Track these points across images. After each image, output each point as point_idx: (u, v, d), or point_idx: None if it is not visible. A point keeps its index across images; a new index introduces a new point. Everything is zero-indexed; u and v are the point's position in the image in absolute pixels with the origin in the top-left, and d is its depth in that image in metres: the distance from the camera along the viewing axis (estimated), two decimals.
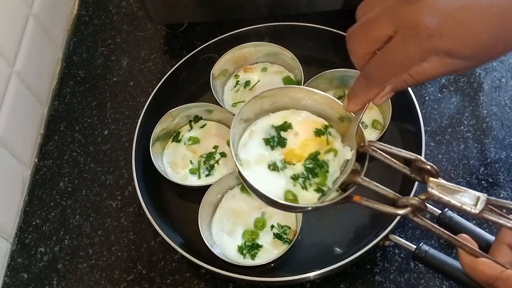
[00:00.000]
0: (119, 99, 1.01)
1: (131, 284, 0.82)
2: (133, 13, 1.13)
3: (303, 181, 0.64)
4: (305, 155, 0.65)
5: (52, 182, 0.94)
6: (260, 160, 0.66)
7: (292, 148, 0.66)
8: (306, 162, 0.65)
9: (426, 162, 0.56)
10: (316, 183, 0.64)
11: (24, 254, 0.87)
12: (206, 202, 0.81)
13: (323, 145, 0.66)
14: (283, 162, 0.65)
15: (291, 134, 0.67)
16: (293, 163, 0.65)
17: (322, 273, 0.73)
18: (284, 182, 0.64)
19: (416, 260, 0.72)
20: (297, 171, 0.65)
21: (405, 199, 0.56)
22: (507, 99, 0.92)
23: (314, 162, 0.65)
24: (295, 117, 0.68)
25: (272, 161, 0.65)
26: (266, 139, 0.67)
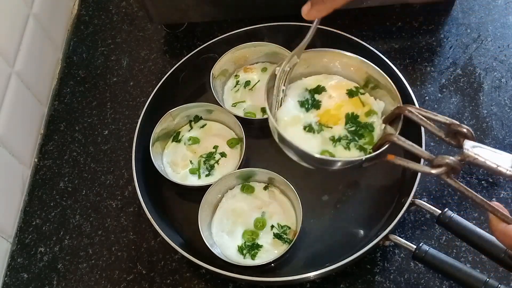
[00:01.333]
0: (119, 99, 1.01)
1: (131, 284, 0.82)
2: (133, 13, 1.13)
3: (347, 143, 0.65)
4: (341, 117, 0.66)
5: (52, 182, 0.94)
6: (295, 121, 0.67)
7: (327, 109, 0.67)
8: (348, 126, 0.66)
9: (462, 125, 0.56)
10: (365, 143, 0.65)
11: (24, 254, 0.87)
12: (206, 202, 0.81)
13: (359, 106, 0.67)
14: (318, 125, 0.67)
15: (325, 96, 0.68)
16: (329, 126, 0.66)
17: (322, 273, 0.73)
18: (320, 142, 0.66)
19: (416, 260, 0.72)
20: (337, 134, 0.66)
21: (440, 158, 0.55)
22: (507, 99, 0.92)
23: (356, 124, 0.66)
24: (327, 81, 0.69)
25: (308, 123, 0.67)
26: (300, 101, 0.69)
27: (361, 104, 0.68)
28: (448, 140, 0.58)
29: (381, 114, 0.68)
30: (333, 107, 0.68)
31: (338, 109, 0.68)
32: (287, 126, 0.68)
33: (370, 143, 0.65)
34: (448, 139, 0.58)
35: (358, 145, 0.65)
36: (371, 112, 0.67)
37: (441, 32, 1.01)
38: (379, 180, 0.85)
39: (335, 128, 0.67)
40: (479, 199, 0.55)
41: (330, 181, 0.86)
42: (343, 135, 0.66)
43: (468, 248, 0.78)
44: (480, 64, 0.97)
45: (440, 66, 0.97)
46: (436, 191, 0.84)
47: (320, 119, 0.67)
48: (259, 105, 0.92)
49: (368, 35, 1.02)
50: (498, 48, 0.98)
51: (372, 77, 0.68)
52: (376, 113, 0.67)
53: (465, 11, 1.04)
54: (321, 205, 0.84)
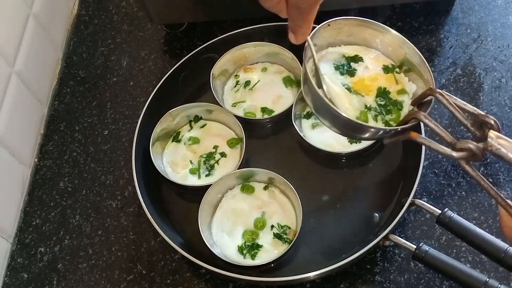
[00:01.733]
0: (119, 99, 1.01)
1: (131, 284, 0.82)
2: (133, 13, 1.13)
3: (375, 115, 0.65)
4: (373, 89, 0.66)
5: (52, 182, 0.94)
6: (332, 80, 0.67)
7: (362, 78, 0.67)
8: (378, 99, 0.66)
9: (490, 116, 0.56)
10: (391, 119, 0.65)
11: (24, 254, 0.87)
12: (206, 202, 0.81)
13: (392, 83, 0.67)
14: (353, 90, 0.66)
15: (361, 66, 0.68)
16: (361, 94, 0.66)
17: (322, 273, 0.73)
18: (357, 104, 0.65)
19: (416, 260, 0.72)
20: (368, 103, 0.66)
21: (463, 142, 0.55)
22: (507, 99, 0.92)
23: (386, 99, 0.66)
24: (366, 53, 0.69)
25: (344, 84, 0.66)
26: (336, 65, 0.68)
27: (394, 81, 0.67)
28: (473, 130, 0.58)
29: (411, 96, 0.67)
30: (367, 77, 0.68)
31: (372, 80, 0.68)
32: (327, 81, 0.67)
33: (396, 121, 0.65)
34: (473, 129, 0.58)
35: (384, 120, 0.65)
36: (403, 92, 0.67)
37: (441, 32, 1.01)
38: (379, 180, 0.85)
39: (366, 97, 0.66)
40: (494, 191, 0.55)
41: (330, 181, 0.86)
42: (373, 106, 0.66)
43: (468, 248, 0.78)
44: (480, 64, 0.97)
45: (440, 66, 0.97)
46: (436, 191, 0.84)
47: (353, 86, 0.67)
48: (259, 105, 0.92)
49: None
50: (498, 48, 0.98)
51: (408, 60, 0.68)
52: (407, 93, 0.67)
53: (465, 11, 1.04)
54: (321, 205, 0.84)
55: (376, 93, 0.66)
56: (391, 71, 0.68)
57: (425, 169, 0.86)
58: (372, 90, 0.67)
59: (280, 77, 0.95)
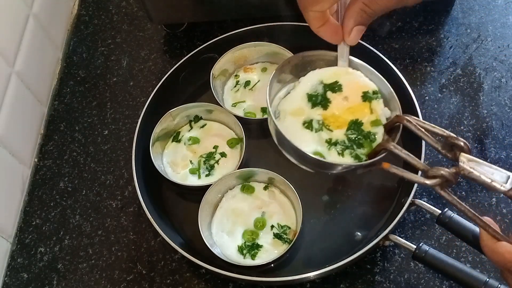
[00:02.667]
0: (119, 99, 1.01)
1: (131, 284, 0.82)
2: (133, 13, 1.13)
3: (342, 149, 0.62)
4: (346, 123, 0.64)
5: (52, 182, 0.94)
6: (298, 113, 0.64)
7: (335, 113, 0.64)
8: (349, 132, 0.63)
9: (459, 138, 0.56)
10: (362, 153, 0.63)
11: (24, 254, 0.87)
12: (206, 202, 0.81)
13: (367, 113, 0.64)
14: (320, 124, 0.64)
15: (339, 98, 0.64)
16: (331, 128, 0.63)
17: (322, 273, 0.73)
18: (315, 142, 0.63)
19: (416, 260, 0.72)
20: (336, 138, 0.63)
21: (435, 169, 0.55)
22: (507, 99, 0.92)
23: (358, 132, 0.63)
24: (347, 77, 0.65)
25: (309, 119, 0.64)
26: (309, 94, 0.65)
27: (369, 111, 0.64)
28: (444, 153, 0.58)
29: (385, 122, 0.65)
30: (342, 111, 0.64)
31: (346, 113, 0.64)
32: (287, 115, 0.65)
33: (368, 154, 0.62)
34: (444, 151, 0.58)
35: (354, 153, 0.63)
36: (377, 123, 0.64)
37: (441, 32, 1.01)
38: (379, 180, 0.85)
39: (335, 132, 0.63)
40: (471, 213, 0.55)
41: (330, 181, 0.86)
42: (340, 140, 0.63)
43: (468, 248, 0.78)
44: (480, 64, 0.97)
45: (440, 66, 0.97)
46: None
47: (324, 119, 0.64)
48: (259, 105, 0.92)
49: (368, 35, 1.01)
50: (498, 48, 0.98)
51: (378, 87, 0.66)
52: (381, 124, 0.64)
53: (465, 11, 1.04)
54: (321, 205, 0.84)
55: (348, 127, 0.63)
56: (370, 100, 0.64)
57: None
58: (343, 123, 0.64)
59: None
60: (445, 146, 0.57)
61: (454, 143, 0.56)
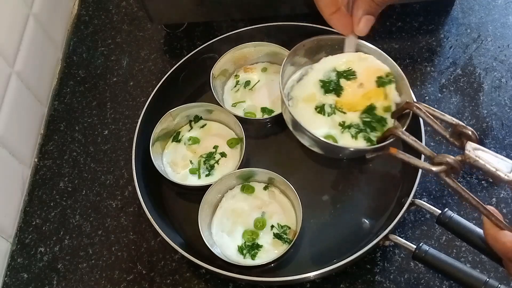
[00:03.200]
0: (119, 99, 1.02)
1: (131, 284, 0.82)
2: (133, 13, 1.13)
3: (356, 132, 0.64)
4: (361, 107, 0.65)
5: (52, 182, 0.94)
6: (310, 100, 0.66)
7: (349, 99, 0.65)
8: (363, 116, 0.64)
9: (468, 127, 0.56)
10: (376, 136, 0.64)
11: (24, 254, 0.87)
12: (206, 202, 0.81)
13: (380, 98, 0.66)
14: (333, 108, 0.65)
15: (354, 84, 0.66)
16: (344, 111, 0.65)
17: (322, 273, 0.74)
18: (328, 125, 0.64)
19: (416, 260, 0.72)
20: (349, 120, 0.64)
21: (441, 156, 0.56)
22: (507, 99, 0.92)
23: (371, 116, 0.64)
24: (360, 63, 0.67)
25: (321, 104, 0.65)
26: (322, 81, 0.66)
27: (383, 96, 0.66)
28: (452, 141, 0.58)
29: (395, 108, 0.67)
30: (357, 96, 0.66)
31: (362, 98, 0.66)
32: (299, 102, 0.66)
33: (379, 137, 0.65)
34: (452, 139, 0.58)
35: (367, 137, 0.64)
36: (388, 108, 0.66)
37: (441, 32, 1.01)
38: (379, 180, 0.85)
39: (349, 114, 0.65)
40: (475, 201, 0.56)
41: (330, 181, 0.86)
42: (354, 123, 0.64)
43: (468, 248, 0.78)
44: (480, 64, 0.97)
45: (440, 66, 0.97)
46: (436, 191, 0.84)
47: (337, 104, 0.66)
48: (259, 105, 0.92)
49: (368, 35, 1.01)
50: (498, 48, 0.98)
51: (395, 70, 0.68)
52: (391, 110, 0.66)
53: (465, 11, 1.04)
54: (321, 205, 0.84)
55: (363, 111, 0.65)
56: (384, 85, 0.66)
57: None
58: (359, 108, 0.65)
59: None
60: (453, 134, 0.58)
61: (462, 131, 0.56)
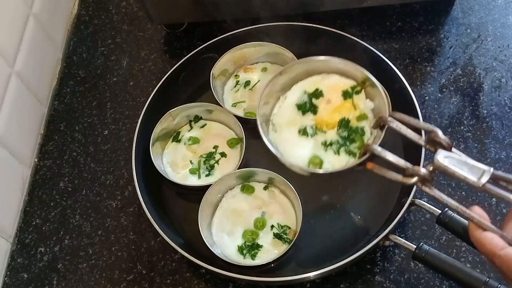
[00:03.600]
0: (119, 99, 1.01)
1: (131, 284, 0.82)
2: (133, 13, 1.13)
3: (337, 148, 0.68)
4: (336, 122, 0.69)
5: (52, 182, 0.94)
6: (292, 124, 0.70)
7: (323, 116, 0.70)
8: (340, 131, 0.68)
9: (442, 136, 0.57)
10: (356, 147, 0.67)
11: (24, 254, 0.87)
12: (206, 202, 0.81)
13: (351, 110, 0.69)
14: (313, 128, 0.70)
15: (323, 102, 0.71)
16: (324, 130, 0.69)
17: (322, 273, 0.74)
18: (312, 147, 0.69)
19: (416, 260, 0.72)
20: (330, 138, 0.69)
21: (412, 169, 0.57)
22: (507, 99, 0.92)
23: (348, 129, 0.68)
24: (325, 82, 0.71)
25: (303, 126, 0.70)
26: (298, 104, 0.71)
27: (353, 107, 0.69)
28: (428, 147, 0.60)
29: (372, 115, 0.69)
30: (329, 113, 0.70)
31: (333, 113, 0.70)
32: (283, 127, 0.71)
33: (361, 147, 0.67)
34: (428, 146, 0.60)
35: (348, 150, 0.68)
36: (362, 117, 0.69)
37: (441, 32, 1.01)
38: (379, 180, 0.85)
39: (329, 133, 0.69)
40: (454, 205, 0.56)
41: (330, 181, 0.86)
42: (334, 140, 0.68)
43: (468, 248, 0.78)
44: (480, 64, 0.97)
45: (440, 66, 0.97)
46: None
47: (316, 123, 0.70)
48: None
49: (368, 35, 1.02)
50: (498, 48, 0.98)
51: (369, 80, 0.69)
52: (367, 118, 0.69)
53: (465, 11, 1.04)
54: (321, 205, 0.84)
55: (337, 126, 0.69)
56: (350, 96, 0.70)
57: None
58: (333, 124, 0.69)
59: None
60: (428, 141, 0.59)
61: (435, 139, 0.58)
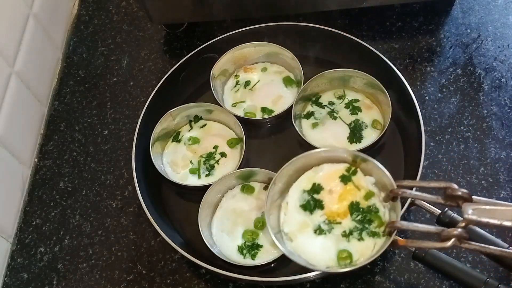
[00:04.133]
0: (119, 99, 1.01)
1: (131, 284, 0.82)
2: (133, 13, 1.13)
3: (358, 234, 0.66)
4: (346, 212, 0.67)
5: (52, 182, 0.94)
6: (304, 227, 0.68)
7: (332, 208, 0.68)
8: (354, 216, 0.67)
9: (458, 188, 0.58)
10: (376, 226, 0.66)
11: (24, 254, 0.87)
12: (206, 202, 0.81)
13: (356, 192, 0.68)
14: (327, 223, 0.67)
15: (325, 194, 0.69)
16: (338, 221, 0.67)
17: (322, 273, 0.73)
18: (334, 242, 0.67)
19: (416, 260, 0.72)
20: (348, 227, 0.67)
21: (447, 232, 0.58)
22: (507, 99, 0.92)
23: (360, 212, 0.67)
24: (319, 175, 0.70)
25: (316, 225, 0.67)
26: (302, 205, 0.69)
27: (357, 189, 0.68)
28: (448, 204, 0.60)
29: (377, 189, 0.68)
30: (336, 203, 0.68)
31: (340, 202, 0.68)
32: (296, 234, 0.69)
33: (380, 225, 0.66)
34: (448, 202, 0.60)
35: (370, 232, 0.66)
36: (369, 194, 0.68)
37: (441, 32, 1.01)
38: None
39: (344, 222, 0.67)
40: (498, 251, 0.57)
41: None
42: (353, 227, 0.67)
43: None
44: (480, 64, 0.97)
45: (440, 66, 0.97)
46: (436, 191, 0.84)
47: (328, 217, 0.68)
48: (259, 105, 0.92)
49: (368, 35, 1.01)
50: (498, 48, 0.98)
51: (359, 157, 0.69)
52: (373, 194, 0.68)
53: (465, 11, 1.04)
54: None
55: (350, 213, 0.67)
56: (349, 179, 0.69)
57: (425, 169, 0.86)
58: (345, 212, 0.67)
59: (280, 77, 0.95)
60: (446, 197, 0.59)
61: (453, 195, 0.58)
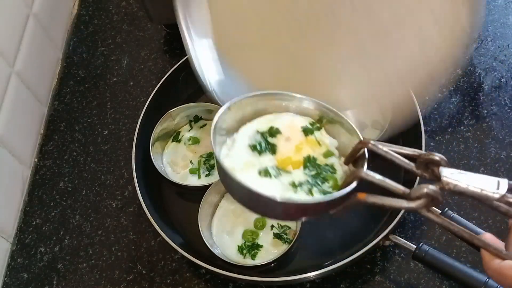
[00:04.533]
0: (119, 99, 1.01)
1: (131, 284, 0.82)
2: (133, 13, 1.13)
3: (309, 188, 0.57)
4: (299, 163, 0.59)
5: (52, 182, 0.94)
6: (248, 166, 0.59)
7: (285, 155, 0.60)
8: (307, 170, 0.59)
9: (434, 153, 0.51)
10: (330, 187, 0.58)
11: (24, 254, 0.87)
12: (206, 202, 0.81)
13: (316, 146, 0.61)
14: (276, 169, 0.59)
15: (281, 140, 0.61)
16: (288, 170, 0.59)
17: (322, 273, 0.73)
18: (279, 188, 0.57)
19: (416, 260, 0.72)
20: (298, 179, 0.58)
21: (418, 188, 0.49)
22: (507, 99, 0.92)
23: (315, 168, 0.59)
24: (279, 121, 0.62)
25: (263, 167, 0.58)
26: (252, 145, 0.60)
27: (317, 144, 0.61)
28: (420, 173, 0.53)
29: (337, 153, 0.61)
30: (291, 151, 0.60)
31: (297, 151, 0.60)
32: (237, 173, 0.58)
33: (336, 187, 0.58)
34: (420, 171, 0.53)
35: (322, 190, 0.57)
36: (329, 153, 0.60)
37: None
38: None
39: (294, 173, 0.59)
40: (467, 234, 0.50)
41: None
42: (304, 180, 0.58)
43: (468, 248, 0.78)
44: (480, 64, 0.97)
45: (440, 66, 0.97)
46: None
47: (278, 164, 0.59)
48: None
49: None
50: (498, 48, 0.98)
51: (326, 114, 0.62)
52: (333, 154, 0.60)
53: None
54: None
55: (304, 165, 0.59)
56: (311, 132, 0.61)
57: None
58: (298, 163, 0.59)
59: None
60: (419, 165, 0.53)
61: (429, 158, 0.51)
